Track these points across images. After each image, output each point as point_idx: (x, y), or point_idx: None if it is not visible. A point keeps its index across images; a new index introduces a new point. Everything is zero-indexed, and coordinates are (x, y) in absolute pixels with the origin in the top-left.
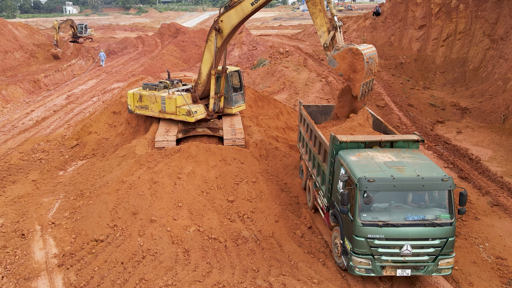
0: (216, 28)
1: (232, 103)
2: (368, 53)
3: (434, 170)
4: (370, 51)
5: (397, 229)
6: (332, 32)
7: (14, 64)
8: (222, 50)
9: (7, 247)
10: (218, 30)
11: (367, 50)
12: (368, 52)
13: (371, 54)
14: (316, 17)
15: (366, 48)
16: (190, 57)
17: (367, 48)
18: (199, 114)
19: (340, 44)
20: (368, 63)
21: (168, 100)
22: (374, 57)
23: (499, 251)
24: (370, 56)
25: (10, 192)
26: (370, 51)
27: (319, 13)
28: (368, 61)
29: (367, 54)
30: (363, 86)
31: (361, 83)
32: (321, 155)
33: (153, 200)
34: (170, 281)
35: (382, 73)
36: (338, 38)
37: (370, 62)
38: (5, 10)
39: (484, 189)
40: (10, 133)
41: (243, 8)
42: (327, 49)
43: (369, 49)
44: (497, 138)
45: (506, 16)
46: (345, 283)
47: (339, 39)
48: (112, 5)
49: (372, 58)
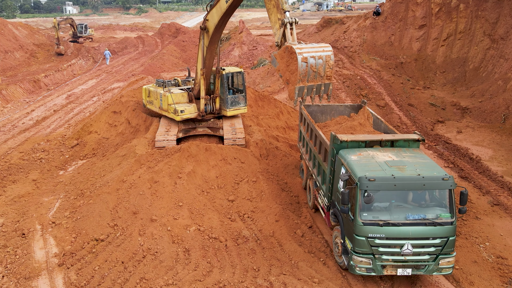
0: (202, 28)
1: (227, 105)
2: (311, 53)
3: (434, 169)
4: (315, 50)
5: (398, 228)
6: (281, 30)
7: (14, 64)
8: (212, 50)
9: (8, 247)
10: (204, 29)
11: (310, 49)
12: (310, 52)
13: (318, 54)
14: (271, 13)
15: (311, 48)
16: (190, 57)
17: (312, 48)
18: (187, 113)
19: (288, 42)
20: (309, 65)
21: (164, 97)
22: (324, 58)
23: (499, 250)
24: (315, 57)
25: (11, 192)
26: (314, 51)
27: (273, 8)
28: (308, 62)
29: (310, 54)
30: (301, 90)
31: (295, 86)
32: (322, 155)
33: (153, 200)
34: (170, 281)
35: (382, 73)
36: (287, 35)
37: (315, 63)
38: (5, 10)
39: (484, 188)
40: (10, 133)
41: (221, 5)
42: (278, 47)
43: (314, 49)
44: (497, 137)
45: (506, 16)
46: (345, 282)
47: (288, 37)
48: (112, 5)
49: (321, 59)
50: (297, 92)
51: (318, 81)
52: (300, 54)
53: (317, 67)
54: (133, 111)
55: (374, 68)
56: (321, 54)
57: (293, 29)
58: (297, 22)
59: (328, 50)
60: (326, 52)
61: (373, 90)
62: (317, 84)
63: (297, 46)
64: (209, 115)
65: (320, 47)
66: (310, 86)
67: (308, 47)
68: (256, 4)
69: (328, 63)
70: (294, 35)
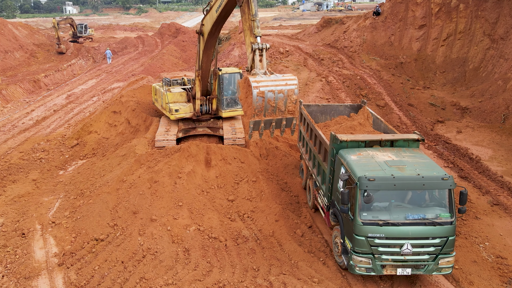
0: (198, 32)
1: (223, 107)
2: (271, 86)
3: (434, 169)
4: (275, 84)
5: (398, 228)
6: (251, 55)
7: (14, 64)
8: (208, 54)
9: (8, 246)
10: (200, 34)
11: (269, 83)
12: (269, 86)
13: (278, 88)
14: (245, 35)
15: (272, 81)
16: (190, 57)
17: (273, 81)
18: (181, 113)
19: (255, 70)
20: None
21: (163, 96)
22: (286, 93)
23: (499, 250)
24: (275, 91)
25: (11, 192)
26: (274, 85)
27: (247, 31)
28: (265, 97)
29: (269, 88)
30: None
31: (250, 120)
32: (321, 155)
33: (153, 200)
34: (170, 280)
35: (382, 73)
36: (256, 62)
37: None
38: (5, 10)
39: (484, 188)
40: (10, 133)
41: (212, 13)
42: (248, 72)
43: (275, 82)
44: (497, 137)
45: (506, 16)
46: (345, 282)
47: (256, 64)
48: (112, 5)
49: (282, 94)
50: (251, 126)
51: (279, 116)
52: (256, 88)
53: (277, 101)
54: (133, 111)
55: (374, 68)
56: (283, 88)
57: (263, 55)
58: (268, 48)
59: (292, 83)
60: (289, 86)
61: (373, 90)
62: (277, 118)
63: (255, 78)
64: (206, 115)
65: (284, 80)
66: (268, 120)
67: (269, 79)
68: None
69: (290, 97)
70: (264, 62)
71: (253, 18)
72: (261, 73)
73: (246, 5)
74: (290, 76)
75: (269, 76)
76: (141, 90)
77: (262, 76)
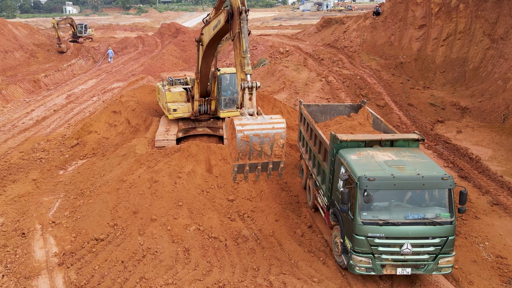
0: (198, 40)
1: (221, 107)
2: (257, 130)
3: (434, 169)
4: (262, 128)
5: (397, 228)
6: (240, 93)
7: (14, 64)
8: (207, 62)
9: (8, 246)
10: (199, 42)
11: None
12: (254, 130)
13: (264, 132)
14: (236, 70)
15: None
16: (190, 57)
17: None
18: (179, 112)
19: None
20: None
21: (163, 95)
22: (272, 137)
23: (499, 250)
24: (261, 135)
25: (11, 191)
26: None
27: (238, 67)
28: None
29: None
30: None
31: (234, 163)
32: (321, 154)
33: (153, 199)
34: (170, 280)
35: (382, 73)
36: (245, 101)
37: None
38: (5, 10)
39: (484, 188)
40: (10, 133)
41: (210, 29)
42: (238, 110)
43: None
44: (497, 137)
45: (506, 16)
46: (345, 282)
47: (246, 103)
48: (112, 5)
49: (269, 138)
50: (235, 169)
51: (265, 160)
52: (241, 132)
53: (262, 146)
54: (133, 111)
55: (374, 68)
56: (269, 132)
57: (252, 94)
58: (258, 86)
59: (280, 127)
60: (276, 130)
61: (373, 90)
62: (263, 162)
63: (240, 121)
64: (204, 115)
65: (270, 124)
66: (254, 164)
67: (255, 122)
68: (256, 4)
69: (277, 142)
70: (253, 101)
71: (244, 55)
72: (250, 112)
73: (238, 40)
74: (278, 119)
75: (255, 119)
76: (141, 90)
77: (248, 118)
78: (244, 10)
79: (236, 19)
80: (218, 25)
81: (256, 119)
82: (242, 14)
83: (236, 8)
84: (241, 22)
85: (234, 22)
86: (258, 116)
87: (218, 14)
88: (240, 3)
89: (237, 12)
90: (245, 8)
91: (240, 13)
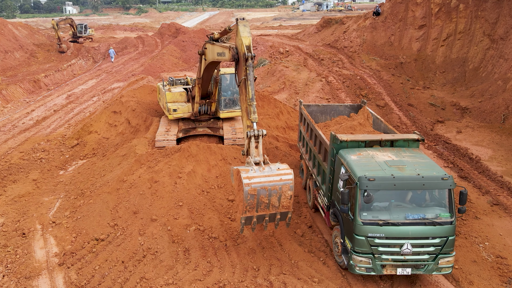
0: (200, 53)
1: (221, 107)
2: (264, 183)
3: (434, 169)
4: (269, 180)
5: (398, 228)
6: (247, 141)
7: (14, 64)
8: (209, 74)
9: (8, 246)
10: (202, 55)
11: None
12: (262, 182)
13: (272, 185)
14: (242, 116)
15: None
16: (190, 57)
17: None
18: (179, 112)
19: (249, 158)
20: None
21: (164, 95)
22: (280, 189)
23: (499, 250)
24: (268, 188)
25: (11, 192)
26: (267, 181)
27: (244, 113)
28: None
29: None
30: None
31: (241, 215)
32: (322, 154)
33: (153, 199)
34: (170, 280)
35: (382, 73)
36: (251, 149)
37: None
38: (5, 10)
39: (484, 188)
40: (10, 133)
41: (214, 53)
42: (244, 156)
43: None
44: (497, 137)
45: (506, 16)
46: (345, 282)
47: (252, 151)
48: (112, 5)
49: (276, 190)
50: (242, 222)
51: (272, 211)
52: (248, 186)
53: (270, 198)
54: (133, 111)
55: (374, 68)
56: (276, 184)
57: (259, 142)
58: (264, 135)
59: (288, 179)
60: (284, 181)
61: (373, 90)
62: (270, 213)
63: (247, 174)
64: (204, 115)
65: (278, 175)
66: (261, 215)
67: (262, 175)
68: (256, 4)
69: (285, 193)
70: (260, 149)
71: (250, 103)
72: (256, 161)
73: (244, 87)
74: (285, 170)
75: (262, 170)
76: (141, 90)
77: (255, 170)
78: (250, 56)
79: (242, 65)
80: (223, 57)
81: (263, 170)
82: (248, 61)
83: (242, 54)
84: (247, 69)
85: (240, 68)
86: (265, 166)
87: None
88: (246, 49)
89: (243, 59)
90: (251, 54)
91: (246, 59)
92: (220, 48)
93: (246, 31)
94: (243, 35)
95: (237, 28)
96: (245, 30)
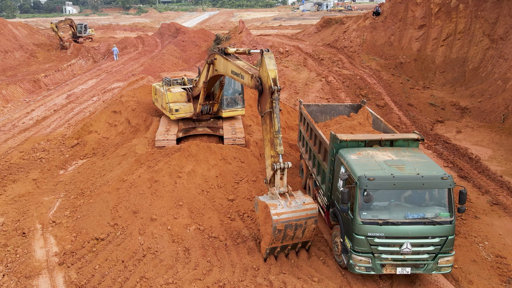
0: (208, 62)
1: (223, 106)
2: (292, 218)
3: (434, 168)
4: (297, 216)
5: (397, 227)
6: (271, 172)
7: (14, 64)
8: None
9: (8, 246)
10: (210, 64)
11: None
12: (289, 218)
13: (299, 220)
14: (265, 145)
15: (292, 212)
16: (190, 57)
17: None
18: (182, 113)
19: (274, 190)
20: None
21: (163, 95)
22: (305, 223)
23: (498, 249)
24: (295, 223)
25: (11, 191)
26: (295, 216)
27: (268, 143)
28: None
29: (290, 220)
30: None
31: (267, 246)
32: (321, 154)
33: (153, 199)
34: (170, 280)
35: (382, 73)
36: (276, 180)
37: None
38: (5, 10)
39: (483, 188)
40: (10, 133)
41: (227, 70)
42: (266, 184)
43: (296, 213)
44: (496, 137)
45: (505, 16)
46: (345, 281)
47: (277, 182)
48: (112, 5)
49: (302, 225)
50: (267, 252)
51: (296, 241)
52: (277, 222)
53: (295, 231)
54: (133, 110)
55: (373, 68)
56: (303, 219)
57: (284, 174)
58: (289, 167)
59: (312, 214)
60: (309, 216)
61: (373, 90)
62: (293, 243)
63: (276, 210)
64: (206, 115)
65: (304, 211)
66: (285, 246)
67: (290, 210)
68: (256, 4)
69: (309, 227)
70: (284, 180)
71: (276, 135)
72: (281, 192)
73: (269, 118)
74: (310, 204)
75: (290, 205)
76: (141, 90)
77: (282, 206)
78: (277, 90)
79: (267, 97)
80: (240, 79)
81: (290, 205)
82: (275, 94)
83: (268, 87)
84: (273, 102)
85: (264, 99)
86: (290, 198)
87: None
88: (272, 82)
89: (269, 92)
90: (277, 88)
91: (272, 92)
92: (237, 69)
93: (271, 63)
94: (269, 68)
95: (263, 60)
96: (271, 62)
